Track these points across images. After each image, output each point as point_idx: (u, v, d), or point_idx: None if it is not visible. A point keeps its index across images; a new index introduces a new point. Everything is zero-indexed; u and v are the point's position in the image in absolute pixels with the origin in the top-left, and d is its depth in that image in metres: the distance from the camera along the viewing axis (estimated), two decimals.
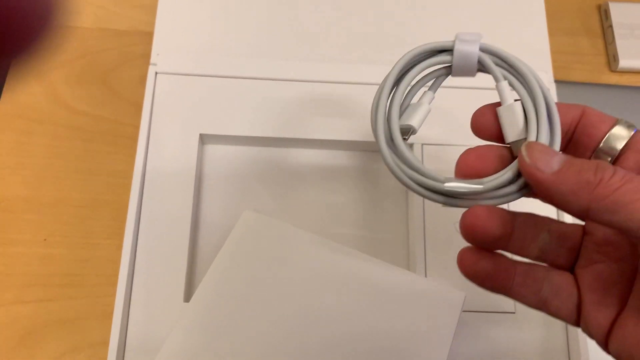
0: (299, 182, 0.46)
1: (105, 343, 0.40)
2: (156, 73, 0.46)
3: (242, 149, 0.47)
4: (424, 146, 0.45)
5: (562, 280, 0.27)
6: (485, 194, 0.26)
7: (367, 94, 0.47)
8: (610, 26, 0.54)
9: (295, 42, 0.48)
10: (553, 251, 0.28)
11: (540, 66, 0.48)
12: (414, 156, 0.28)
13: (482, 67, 0.28)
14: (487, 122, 0.28)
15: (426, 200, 0.44)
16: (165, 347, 0.36)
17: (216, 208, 0.45)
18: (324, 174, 0.47)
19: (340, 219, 0.46)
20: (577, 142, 0.27)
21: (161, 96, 0.45)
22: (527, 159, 0.23)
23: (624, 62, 0.53)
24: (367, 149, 0.47)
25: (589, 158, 0.26)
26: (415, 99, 0.30)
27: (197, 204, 0.45)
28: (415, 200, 0.44)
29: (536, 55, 0.49)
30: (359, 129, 0.46)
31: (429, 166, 0.28)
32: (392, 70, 0.29)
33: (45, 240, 0.46)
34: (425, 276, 0.42)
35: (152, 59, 0.46)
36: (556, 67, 0.51)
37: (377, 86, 0.47)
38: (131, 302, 0.41)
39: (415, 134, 0.29)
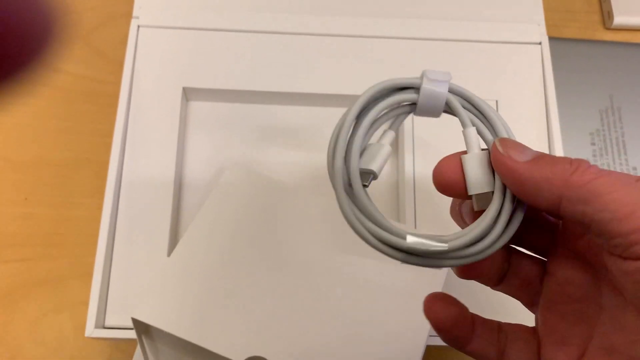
0: (284, 139, 0.45)
1: (87, 303, 0.39)
2: (138, 26, 0.44)
3: (226, 105, 0.46)
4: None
5: (519, 327, 0.26)
6: (451, 254, 0.24)
7: (356, 47, 0.45)
8: None
9: None
10: (513, 295, 0.27)
11: (533, 20, 0.47)
12: (374, 207, 0.24)
13: (448, 109, 0.25)
14: (453, 176, 0.25)
15: (416, 157, 0.43)
16: (145, 298, 0.34)
17: (200, 165, 0.44)
18: (311, 131, 0.46)
19: (327, 177, 0.45)
20: None
21: (143, 50, 0.44)
22: (500, 149, 0.22)
23: (618, 19, 0.52)
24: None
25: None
26: (373, 139, 0.27)
27: (180, 161, 0.44)
28: (406, 155, 0.43)
29: (529, 10, 0.48)
30: (346, 83, 0.44)
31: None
32: (352, 107, 0.25)
33: (25, 199, 0.45)
34: (415, 227, 0.41)
35: (135, 12, 0.45)
36: (550, 25, 0.49)
37: (368, 39, 0.46)
38: (112, 262, 0.40)
39: (375, 179, 0.25)
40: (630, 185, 0.20)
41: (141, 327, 0.35)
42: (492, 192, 0.24)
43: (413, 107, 0.25)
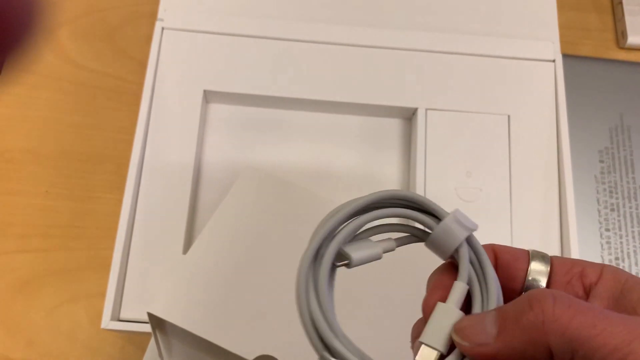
0: (300, 144, 0.46)
1: (103, 294, 0.40)
2: (162, 29, 0.46)
3: (245, 109, 0.47)
4: (428, 111, 0.45)
5: None
6: None
7: (373, 57, 0.47)
8: (620, 2, 0.54)
9: (303, 3, 0.48)
10: None
11: (548, 37, 0.48)
12: (328, 293, 0.22)
13: (456, 255, 0.23)
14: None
15: (428, 165, 0.44)
16: (160, 294, 0.36)
17: (217, 166, 0.45)
18: (327, 138, 0.47)
19: (341, 183, 0.46)
20: (504, 287, 0.23)
21: (167, 52, 0.45)
22: (463, 343, 0.20)
23: (632, 39, 0.53)
24: (372, 113, 0.47)
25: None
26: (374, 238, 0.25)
27: (198, 161, 0.45)
28: (417, 163, 0.44)
29: (544, 27, 0.49)
30: (364, 92, 0.45)
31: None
32: (367, 196, 0.23)
33: (46, 192, 0.46)
34: None
35: (160, 15, 0.46)
36: (564, 42, 0.50)
37: (385, 50, 0.47)
38: (129, 256, 0.41)
39: (348, 268, 0.23)
40: (610, 317, 0.18)
41: (155, 322, 0.36)
42: (442, 355, 0.21)
43: (425, 235, 0.24)
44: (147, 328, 0.38)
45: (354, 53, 0.47)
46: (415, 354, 0.22)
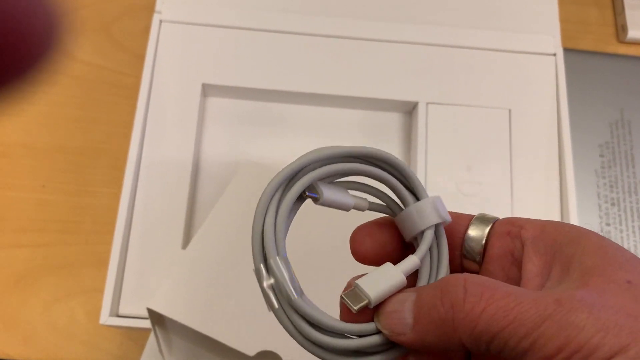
0: (299, 138, 0.46)
1: (99, 290, 0.40)
2: (160, 21, 0.45)
3: (243, 102, 0.46)
4: (429, 105, 0.45)
5: None
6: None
7: (374, 50, 0.46)
8: None
9: None
10: None
11: (549, 31, 0.48)
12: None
13: (418, 237, 0.22)
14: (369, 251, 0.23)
15: (429, 159, 0.43)
16: (160, 290, 0.35)
17: (215, 160, 0.45)
18: (325, 131, 0.46)
19: None
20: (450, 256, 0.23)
21: (165, 45, 0.45)
22: (383, 331, 0.20)
23: (632, 33, 0.52)
24: (372, 107, 0.47)
25: (459, 262, 0.23)
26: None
27: (197, 155, 0.44)
28: (418, 158, 0.44)
29: (545, 21, 0.48)
30: (363, 85, 0.45)
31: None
32: (359, 147, 0.22)
33: (43, 186, 0.46)
34: None
35: (157, 7, 0.45)
36: (564, 36, 0.50)
37: (385, 43, 0.47)
38: (128, 250, 0.41)
39: (315, 202, 0.22)
40: (522, 301, 0.17)
41: (155, 317, 0.36)
42: (368, 306, 0.21)
43: (398, 211, 0.23)
44: (146, 324, 0.37)
45: (353, 46, 0.46)
46: (345, 290, 0.22)
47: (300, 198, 0.22)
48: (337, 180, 0.23)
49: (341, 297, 0.21)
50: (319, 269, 0.36)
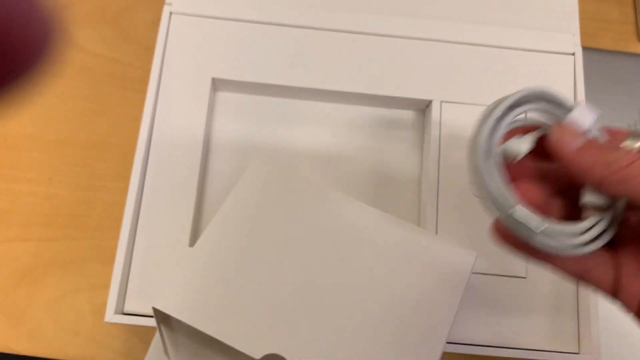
0: (309, 134, 0.45)
1: (106, 286, 0.39)
2: (170, 13, 0.44)
3: (255, 98, 0.45)
4: (443, 104, 0.44)
5: (603, 253, 0.29)
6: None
7: (386, 47, 0.45)
8: None
9: None
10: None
11: (568, 29, 0.47)
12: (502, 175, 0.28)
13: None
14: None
15: (442, 159, 0.43)
16: (166, 289, 0.35)
17: (224, 156, 0.44)
18: (337, 128, 0.46)
19: (350, 175, 0.45)
20: None
21: (175, 38, 0.44)
22: (553, 137, 0.27)
23: None
24: (384, 105, 0.46)
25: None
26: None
27: (206, 151, 0.44)
28: (431, 157, 0.43)
29: (564, 19, 0.47)
30: (374, 82, 0.44)
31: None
32: (517, 93, 0.29)
33: (50, 179, 0.45)
34: (436, 234, 0.41)
35: None
36: (583, 34, 0.49)
37: (399, 39, 0.46)
38: (134, 246, 0.40)
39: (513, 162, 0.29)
40: None
41: (161, 317, 0.35)
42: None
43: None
44: (151, 322, 0.37)
45: (367, 42, 0.45)
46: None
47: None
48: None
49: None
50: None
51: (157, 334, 0.36)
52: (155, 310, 0.34)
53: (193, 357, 0.36)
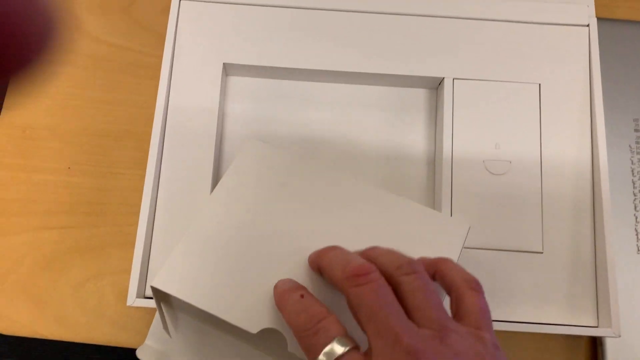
0: (321, 116, 0.45)
1: (127, 271, 0.40)
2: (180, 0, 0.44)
3: (266, 81, 0.46)
4: (455, 81, 0.44)
5: None
6: None
7: (393, 25, 0.45)
8: None
9: None
10: None
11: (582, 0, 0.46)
12: None
13: None
14: None
15: (455, 137, 0.42)
16: (162, 269, 0.35)
17: (240, 139, 0.45)
18: (350, 109, 0.46)
19: (363, 155, 0.45)
20: None
21: (185, 24, 0.44)
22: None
23: None
24: (396, 84, 0.46)
25: None
26: None
27: (220, 135, 0.44)
28: (444, 135, 0.42)
29: None
30: (382, 61, 0.44)
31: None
32: None
33: (69, 168, 0.46)
34: (451, 211, 0.41)
35: None
36: (599, 5, 0.48)
37: (410, 17, 0.45)
38: (154, 231, 0.41)
39: None
40: None
41: (160, 295, 0.35)
42: None
43: None
44: None
45: (376, 21, 0.45)
46: None
47: None
48: None
49: None
50: None
51: (157, 314, 0.37)
52: (153, 289, 0.35)
53: (194, 334, 0.37)
